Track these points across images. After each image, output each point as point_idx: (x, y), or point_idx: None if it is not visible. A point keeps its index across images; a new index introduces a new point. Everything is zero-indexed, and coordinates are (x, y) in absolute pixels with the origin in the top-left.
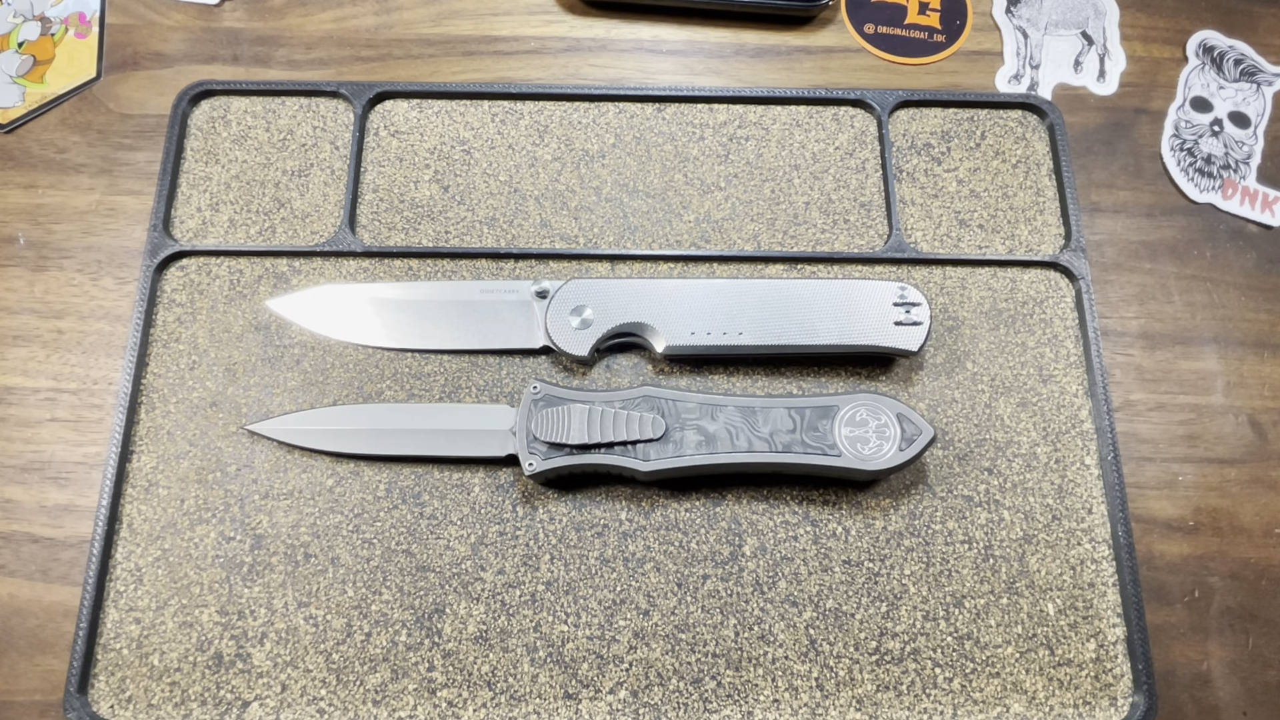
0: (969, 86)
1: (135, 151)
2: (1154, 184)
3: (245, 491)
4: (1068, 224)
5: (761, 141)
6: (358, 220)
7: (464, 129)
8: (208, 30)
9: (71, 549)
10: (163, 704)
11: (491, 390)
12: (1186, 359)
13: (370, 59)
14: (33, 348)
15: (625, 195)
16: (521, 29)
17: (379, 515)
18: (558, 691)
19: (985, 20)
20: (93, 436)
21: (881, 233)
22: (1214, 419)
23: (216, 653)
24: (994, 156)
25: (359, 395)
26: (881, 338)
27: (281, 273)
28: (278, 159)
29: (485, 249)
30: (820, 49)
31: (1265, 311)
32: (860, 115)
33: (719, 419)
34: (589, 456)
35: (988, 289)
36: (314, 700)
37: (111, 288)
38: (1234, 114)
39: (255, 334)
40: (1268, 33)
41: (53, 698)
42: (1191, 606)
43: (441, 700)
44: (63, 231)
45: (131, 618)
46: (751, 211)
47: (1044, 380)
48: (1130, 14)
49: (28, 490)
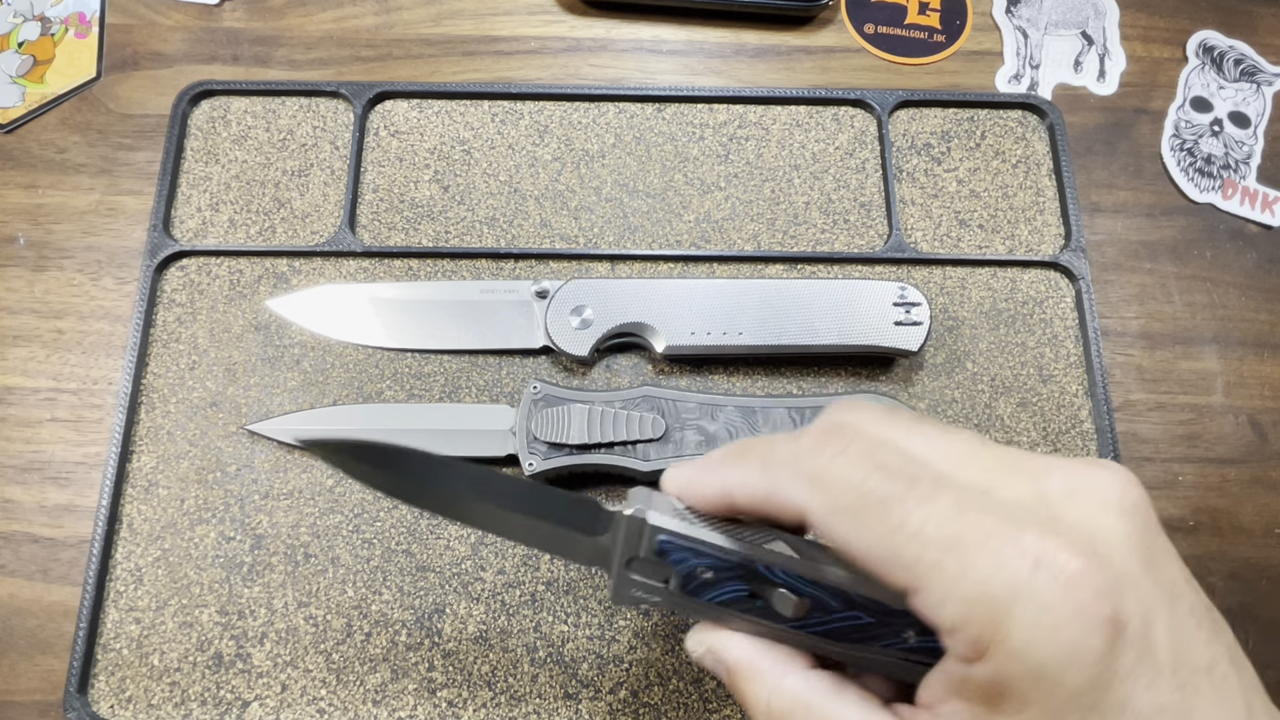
0: (969, 86)
1: (135, 151)
2: (1154, 184)
3: (245, 491)
4: (1068, 224)
5: (761, 141)
6: (358, 220)
7: (464, 129)
8: (208, 30)
9: (71, 549)
10: (163, 704)
11: (491, 390)
12: (1186, 359)
13: (370, 59)
14: (33, 348)
15: (625, 195)
16: (521, 29)
17: (379, 515)
18: (558, 691)
19: (985, 20)
20: (93, 436)
21: (881, 233)
22: (1214, 419)
23: (216, 653)
24: (994, 156)
25: (359, 395)
26: (881, 338)
27: (281, 273)
28: (278, 159)
29: (485, 249)
30: (820, 49)
31: (1265, 311)
32: (860, 115)
33: (719, 419)
34: (589, 456)
35: (988, 289)
36: (314, 700)
37: (111, 288)
38: (1234, 114)
39: (255, 334)
40: (1268, 33)
41: (53, 698)
42: None
43: (441, 700)
44: (63, 231)
45: (131, 618)
46: (751, 211)
47: (1044, 380)
48: (1130, 14)
49: (28, 490)
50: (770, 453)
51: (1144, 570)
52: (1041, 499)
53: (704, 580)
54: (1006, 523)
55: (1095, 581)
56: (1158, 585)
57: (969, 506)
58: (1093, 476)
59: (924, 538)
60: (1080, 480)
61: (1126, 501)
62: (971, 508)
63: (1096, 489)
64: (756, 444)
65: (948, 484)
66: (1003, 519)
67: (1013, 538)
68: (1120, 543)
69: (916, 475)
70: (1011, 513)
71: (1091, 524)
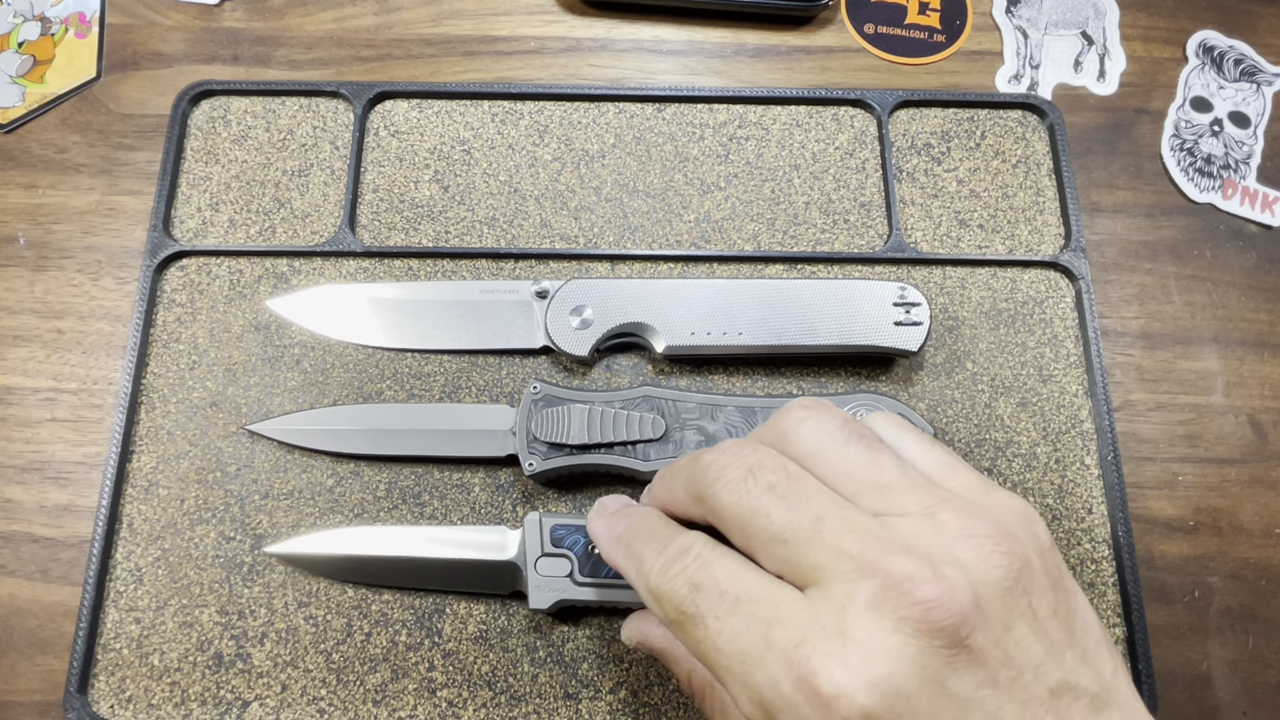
0: (969, 86)
1: (135, 151)
2: (1154, 184)
3: (245, 491)
4: (1068, 224)
5: (761, 141)
6: (358, 220)
7: (464, 129)
8: (208, 30)
9: (71, 549)
10: (163, 704)
11: (491, 390)
12: (1186, 359)
13: (370, 59)
14: (33, 348)
15: (625, 195)
16: (521, 29)
17: (379, 515)
18: (558, 691)
19: (985, 20)
20: (93, 436)
21: (881, 233)
22: (1214, 419)
23: (216, 653)
24: (994, 156)
25: (359, 395)
26: (881, 338)
27: (281, 273)
28: (278, 159)
29: (485, 249)
30: (820, 49)
31: (1265, 311)
32: (860, 115)
33: (719, 419)
34: (589, 457)
35: (988, 289)
36: (314, 700)
37: (111, 288)
38: (1234, 114)
39: (255, 334)
40: (1268, 33)
41: (53, 698)
42: (1191, 606)
43: (441, 700)
44: (63, 231)
45: (131, 618)
46: (751, 211)
47: (1044, 380)
48: (1130, 14)
49: (28, 490)
50: (643, 558)
51: (923, 689)
52: (843, 608)
53: (596, 556)
54: (789, 637)
55: (847, 707)
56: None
57: (759, 620)
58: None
59: (718, 648)
60: (886, 589)
61: (930, 617)
62: (761, 621)
63: (899, 603)
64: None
65: (748, 599)
66: (788, 632)
67: (787, 654)
68: (901, 663)
69: (725, 590)
70: (799, 626)
71: (875, 643)
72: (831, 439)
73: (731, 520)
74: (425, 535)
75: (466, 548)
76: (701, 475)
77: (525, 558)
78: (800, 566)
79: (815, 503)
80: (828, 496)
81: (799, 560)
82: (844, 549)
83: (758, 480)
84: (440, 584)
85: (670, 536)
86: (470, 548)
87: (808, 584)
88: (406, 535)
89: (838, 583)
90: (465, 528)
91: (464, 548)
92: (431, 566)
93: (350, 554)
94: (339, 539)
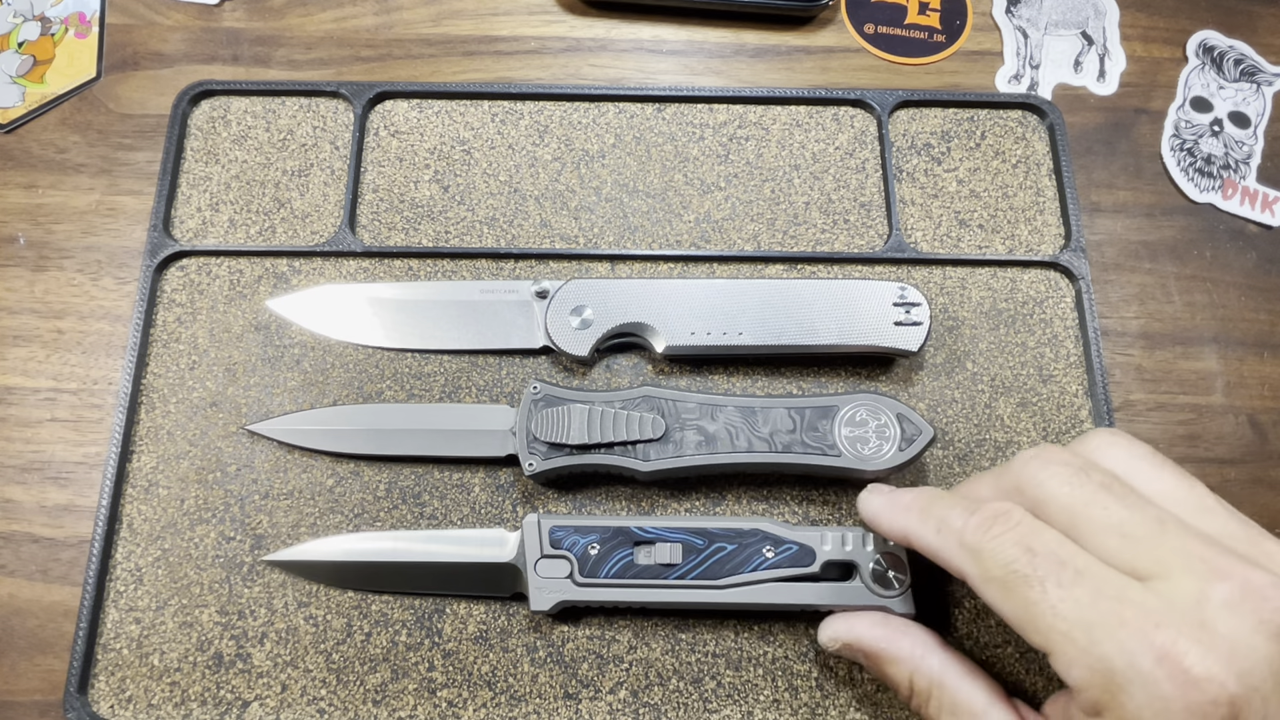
0: (969, 86)
1: (135, 151)
2: (1154, 184)
3: (245, 491)
4: (1068, 224)
5: (761, 141)
6: (358, 220)
7: (464, 129)
8: (208, 30)
9: (71, 549)
10: (163, 704)
11: (491, 390)
12: (1186, 359)
13: (370, 59)
14: (33, 348)
15: (625, 195)
16: (521, 29)
17: (379, 515)
18: (558, 691)
19: (985, 20)
20: (93, 436)
21: (881, 233)
22: (1214, 419)
23: (216, 653)
24: (994, 156)
25: (359, 395)
26: (881, 338)
27: (281, 273)
28: (278, 159)
29: (485, 249)
30: (820, 49)
31: (1265, 311)
32: (860, 115)
33: (719, 419)
34: (589, 457)
35: (988, 289)
36: (314, 700)
37: (111, 288)
38: (1234, 114)
39: (255, 334)
40: (1268, 33)
41: (53, 698)
42: None
43: (441, 700)
44: (63, 231)
45: (131, 618)
46: (751, 211)
47: (1044, 380)
48: (1130, 14)
49: (28, 490)
50: (946, 519)
51: (1277, 690)
52: (1198, 602)
53: (596, 557)
54: (1145, 617)
55: (1217, 690)
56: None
57: (1108, 596)
58: (1260, 594)
59: (1058, 613)
60: (1245, 593)
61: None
62: (1110, 598)
63: (1260, 608)
64: (937, 505)
65: (1091, 574)
66: (1144, 613)
67: (1145, 632)
68: (1261, 663)
69: (1065, 561)
70: (1155, 610)
71: (1239, 639)
72: (1143, 462)
73: (1061, 507)
74: (423, 540)
75: (465, 552)
76: (1022, 469)
77: (525, 560)
78: (1140, 559)
79: (1151, 506)
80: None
81: (1139, 553)
82: (1192, 550)
83: (1090, 478)
84: (440, 588)
85: (977, 501)
86: (469, 552)
87: (1147, 576)
88: (404, 541)
89: (1188, 579)
90: (463, 531)
91: (463, 552)
92: (431, 571)
93: (349, 561)
94: (337, 546)
